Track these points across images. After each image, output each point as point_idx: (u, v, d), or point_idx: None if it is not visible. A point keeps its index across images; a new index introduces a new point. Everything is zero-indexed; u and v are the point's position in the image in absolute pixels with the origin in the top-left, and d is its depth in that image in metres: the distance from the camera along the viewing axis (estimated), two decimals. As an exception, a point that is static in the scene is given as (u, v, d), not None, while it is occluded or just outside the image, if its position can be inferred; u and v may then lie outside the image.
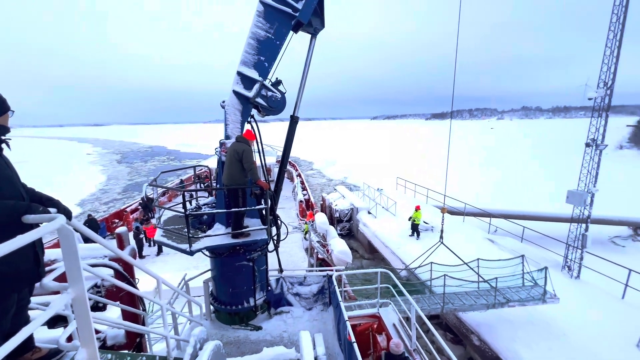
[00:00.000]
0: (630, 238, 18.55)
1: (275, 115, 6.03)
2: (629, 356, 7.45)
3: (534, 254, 13.01)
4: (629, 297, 9.78)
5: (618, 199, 24.73)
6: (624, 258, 14.15)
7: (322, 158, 59.18)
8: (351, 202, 20.22)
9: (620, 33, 10.06)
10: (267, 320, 6.22)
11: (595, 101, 10.96)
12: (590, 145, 11.29)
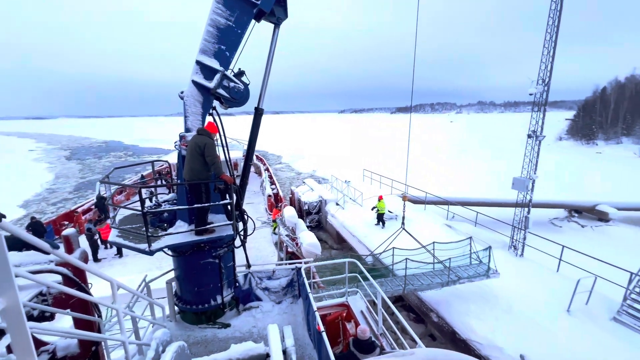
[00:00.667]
0: (566, 219, 20.92)
1: (238, 107, 5.85)
2: (560, 320, 8.46)
3: (486, 236, 14.21)
4: (562, 270, 11.09)
5: (556, 185, 27.84)
6: (561, 237, 16.13)
7: (291, 152, 58.87)
8: (320, 194, 20.52)
9: (555, 35, 11.20)
10: (236, 317, 6.12)
11: (535, 96, 12.09)
12: (531, 137, 12.47)
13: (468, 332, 8.46)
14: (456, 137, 76.90)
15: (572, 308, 8.78)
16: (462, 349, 8.55)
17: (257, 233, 14.35)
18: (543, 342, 7.67)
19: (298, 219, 14.69)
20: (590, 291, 9.18)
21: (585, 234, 18.64)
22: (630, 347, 7.38)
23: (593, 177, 32.24)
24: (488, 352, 7.65)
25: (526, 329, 7.98)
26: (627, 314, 8.34)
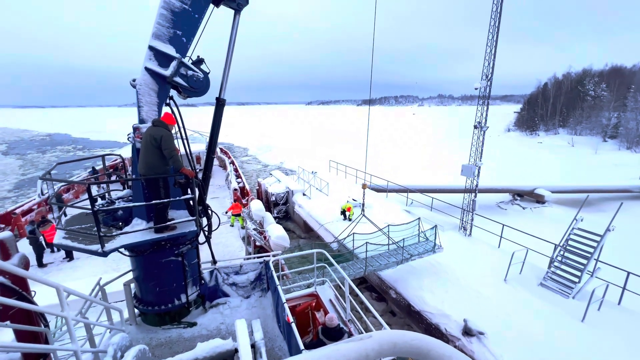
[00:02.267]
0: (510, 202, 23.28)
1: (198, 97, 5.55)
2: (498, 288, 9.60)
3: (440, 219, 15.43)
4: (503, 245, 12.45)
5: (503, 172, 30.59)
6: (505, 218, 17.96)
7: (258, 144, 57.58)
8: (287, 185, 20.68)
9: (496, 35, 12.31)
10: (202, 315, 5.94)
11: (480, 91, 13.15)
12: (477, 127, 13.60)
13: (421, 304, 9.27)
14: (417, 128, 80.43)
15: (508, 277, 9.97)
16: (416, 320, 9.35)
17: (223, 228, 13.98)
18: (483, 307, 8.67)
19: (265, 212, 14.54)
20: (522, 262, 10.47)
21: (526, 214, 20.98)
22: (551, 306, 8.64)
23: (534, 164, 35.85)
24: (438, 320, 8.46)
25: (470, 298, 8.94)
26: (551, 280, 9.62)
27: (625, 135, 45.28)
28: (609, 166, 33.77)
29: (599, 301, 8.50)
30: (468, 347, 7.50)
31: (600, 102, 55.06)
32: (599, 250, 9.10)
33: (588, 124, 53.46)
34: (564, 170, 32.33)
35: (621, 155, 39.68)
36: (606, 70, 65.09)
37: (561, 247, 9.85)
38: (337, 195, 19.06)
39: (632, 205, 22.45)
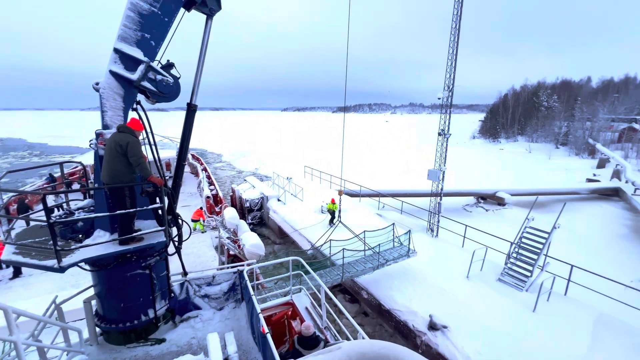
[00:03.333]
0: (475, 205, 24.78)
1: (168, 102, 5.36)
2: (461, 284, 10.15)
3: (410, 222, 16.16)
4: (466, 245, 13.12)
5: (468, 176, 32.41)
6: (470, 220, 19.05)
7: (232, 150, 56.43)
8: (261, 191, 20.55)
9: (456, 49, 13.21)
10: (172, 330, 5.63)
11: (442, 100, 14.03)
12: (440, 135, 14.42)
13: (391, 303, 9.60)
14: (390, 135, 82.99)
15: (470, 274, 10.58)
16: (387, 318, 9.61)
17: (195, 238, 13.48)
18: (447, 302, 9.19)
19: (240, 220, 14.19)
20: (483, 260, 11.15)
21: (488, 216, 22.55)
22: (507, 299, 9.34)
23: (496, 169, 38.35)
24: (406, 317, 8.87)
25: (435, 295, 9.41)
26: (507, 275, 10.34)
27: (574, 142, 49.79)
28: (561, 170, 36.88)
29: (548, 292, 9.30)
30: (433, 341, 7.91)
31: (553, 112, 60.25)
32: (547, 246, 9.95)
33: (543, 132, 58.16)
34: (522, 174, 34.86)
35: (571, 160, 43.49)
36: (557, 83, 71.59)
37: (515, 245, 10.63)
38: (312, 200, 19.19)
39: (580, 206, 24.67)
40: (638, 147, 38.48)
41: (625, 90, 70.78)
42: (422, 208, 16.65)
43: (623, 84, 75.78)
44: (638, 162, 33.97)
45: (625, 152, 38.84)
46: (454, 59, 13.34)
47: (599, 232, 19.69)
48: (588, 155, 44.71)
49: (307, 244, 14.39)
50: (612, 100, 61.90)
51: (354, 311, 11.88)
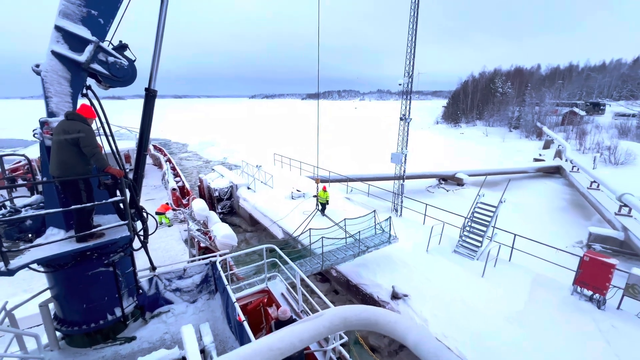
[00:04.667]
0: (437, 186, 26.36)
1: (123, 86, 4.95)
2: (421, 258, 10.89)
3: (376, 204, 16.89)
4: (427, 222, 14.02)
5: (431, 159, 34.14)
6: (432, 200, 20.27)
7: (199, 139, 53.93)
8: (230, 180, 20.11)
9: (415, 37, 13.62)
10: (143, 327, 5.43)
11: (403, 87, 14.41)
12: (402, 120, 14.94)
13: (357, 278, 10.12)
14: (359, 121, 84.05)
15: (430, 248, 11.42)
16: (354, 292, 10.13)
17: (162, 232, 12.91)
18: (408, 274, 9.94)
19: (209, 211, 13.78)
20: (440, 235, 12.08)
21: (448, 195, 24.21)
22: (460, 268, 10.29)
23: (457, 152, 40.68)
24: (371, 290, 9.49)
25: (398, 268, 10.06)
26: (461, 246, 11.30)
27: (524, 126, 54.02)
28: (513, 152, 40.06)
29: (495, 259, 10.41)
30: (395, 309, 8.63)
31: (507, 98, 64.58)
32: (495, 218, 11.00)
33: (498, 117, 62.29)
34: (479, 156, 37.38)
35: (522, 142, 47.24)
36: (512, 70, 76.55)
37: (468, 219, 11.60)
38: (282, 187, 19.17)
39: (528, 183, 27.24)
40: (577, 129, 42.69)
41: (569, 77, 77.70)
42: (388, 190, 17.34)
43: (567, 71, 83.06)
44: (577, 143, 37.79)
45: (566, 134, 42.87)
46: (413, 46, 13.71)
47: (542, 206, 21.98)
48: (536, 137, 48.76)
49: (280, 232, 14.40)
50: (557, 86, 67.69)
51: (325, 289, 12.29)
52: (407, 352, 9.55)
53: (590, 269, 8.24)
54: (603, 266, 8.03)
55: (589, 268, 8.26)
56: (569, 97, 65.84)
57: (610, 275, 7.97)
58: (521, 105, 59.32)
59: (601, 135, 38.86)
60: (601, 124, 46.20)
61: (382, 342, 10.10)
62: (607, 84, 71.71)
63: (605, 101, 60.40)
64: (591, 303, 8.34)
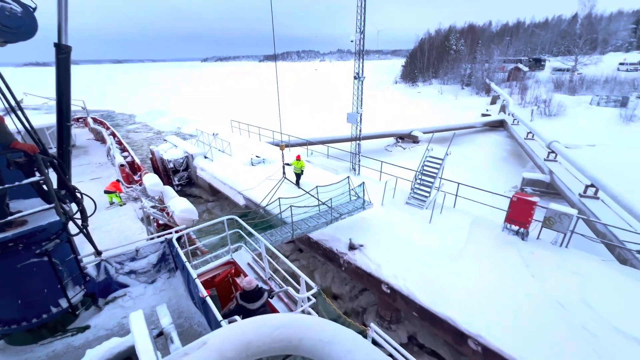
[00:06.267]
0: (394, 145, 27.44)
1: (21, 40, 4.03)
2: (376, 211, 11.27)
3: (336, 164, 17.18)
4: (383, 179, 14.40)
5: (390, 119, 34.99)
6: (390, 158, 21.14)
7: (147, 109, 48.97)
8: (185, 150, 19.00)
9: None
10: (97, 315, 5.10)
11: (355, 44, 13.81)
12: (356, 78, 14.60)
13: (318, 235, 10.49)
14: (319, 83, 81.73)
15: (384, 202, 12.06)
16: (315, 248, 10.62)
17: (115, 212, 11.99)
18: (365, 227, 10.54)
19: (164, 186, 12.88)
20: (394, 189, 12.77)
21: (405, 153, 25.43)
22: (411, 217, 11.11)
23: (414, 111, 41.95)
24: (331, 244, 10.00)
25: (355, 222, 10.53)
26: (413, 198, 12.13)
27: (475, 82, 56.60)
28: (464, 108, 42.24)
29: (441, 207, 11.40)
30: (352, 258, 9.27)
31: (460, 56, 66.30)
32: (441, 170, 11.76)
33: (452, 75, 64.28)
34: (434, 114, 38.94)
35: (473, 99, 49.77)
36: (465, 28, 77.68)
37: (418, 172, 12.31)
38: (241, 154, 18.58)
39: (475, 137, 29.36)
40: (520, 85, 45.79)
41: (517, 33, 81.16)
42: (347, 151, 17.59)
43: (515, 28, 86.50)
44: (519, 97, 40.77)
45: (511, 89, 45.84)
46: (364, 1, 13.02)
47: (485, 157, 24.11)
48: (485, 93, 51.52)
49: (240, 198, 14.05)
50: (505, 43, 70.66)
51: (290, 249, 12.58)
52: (366, 295, 10.53)
53: (517, 208, 9.37)
54: (527, 204, 9.17)
55: (516, 207, 9.39)
56: (515, 53, 69.39)
57: (532, 211, 9.15)
58: (473, 63, 61.43)
59: (540, 89, 42.17)
60: (541, 79, 49.91)
61: (344, 290, 10.89)
62: (548, 40, 76.43)
63: (546, 57, 64.82)
64: (517, 236, 9.63)
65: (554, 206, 9.14)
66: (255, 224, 10.12)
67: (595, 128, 26.94)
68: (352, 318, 9.85)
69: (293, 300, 5.84)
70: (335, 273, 11.46)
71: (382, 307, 9.30)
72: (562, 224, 8.91)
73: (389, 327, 9.15)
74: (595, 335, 6.28)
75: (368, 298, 10.46)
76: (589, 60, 49.27)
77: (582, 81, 44.20)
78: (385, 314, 9.23)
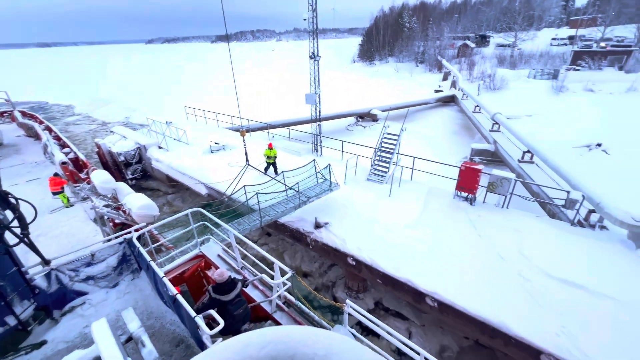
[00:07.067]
0: (355, 124, 28.18)
1: None
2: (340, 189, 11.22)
3: (298, 146, 17.45)
4: (344, 158, 14.67)
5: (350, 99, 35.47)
6: (351, 137, 21.69)
7: (88, 98, 44.16)
8: (136, 141, 17.79)
9: None
10: (53, 328, 4.81)
11: (309, 22, 13.55)
12: (312, 58, 14.33)
13: (285, 217, 10.57)
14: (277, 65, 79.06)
15: (347, 180, 12.51)
16: (283, 230, 10.86)
17: (62, 214, 11.12)
18: (329, 206, 10.90)
19: (117, 182, 12.02)
20: (355, 167, 13.27)
21: (366, 131, 26.08)
22: (372, 192, 11.65)
23: (372, 89, 42.68)
24: (297, 224, 10.28)
25: (320, 202, 10.73)
26: (373, 174, 12.77)
27: (428, 60, 58.72)
28: (419, 85, 43.99)
29: (399, 181, 12.16)
30: (319, 236, 9.67)
31: (413, 33, 67.86)
32: (398, 145, 12.44)
33: (407, 53, 65.84)
34: (391, 92, 40.07)
35: (427, 76, 51.81)
36: (417, 5, 79.04)
37: (377, 149, 12.89)
38: (199, 142, 17.81)
39: (429, 113, 31.01)
40: (468, 61, 48.47)
41: (464, 11, 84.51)
42: (308, 133, 17.61)
43: (463, 5, 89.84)
44: (468, 73, 43.28)
45: (460, 66, 48.41)
46: None
47: (438, 131, 25.70)
48: (438, 70, 53.85)
49: (204, 189, 13.65)
50: (454, 20, 73.46)
51: (258, 234, 12.68)
52: (334, 270, 11.10)
53: (465, 176, 10.31)
54: (473, 172, 10.13)
55: (464, 175, 10.32)
56: (463, 30, 72.64)
57: (478, 178, 10.14)
58: (425, 41, 63.29)
59: (485, 65, 45.07)
60: (486, 54, 53.20)
61: (313, 267, 11.37)
62: (492, 17, 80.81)
63: (490, 33, 68.74)
64: (466, 202, 10.65)
65: (496, 172, 10.20)
66: (222, 213, 9.96)
67: (532, 99, 29.71)
68: (323, 292, 10.39)
69: (268, 287, 5.92)
70: (304, 252, 11.83)
71: (350, 278, 9.91)
72: (503, 187, 10.01)
73: (357, 297, 9.82)
74: (529, 280, 7.35)
75: (336, 272, 11.02)
76: (527, 36, 53.34)
77: (521, 56, 47.96)
78: (353, 284, 9.86)
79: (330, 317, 9.11)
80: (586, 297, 6.86)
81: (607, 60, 38.12)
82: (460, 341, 8.40)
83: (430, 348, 8.21)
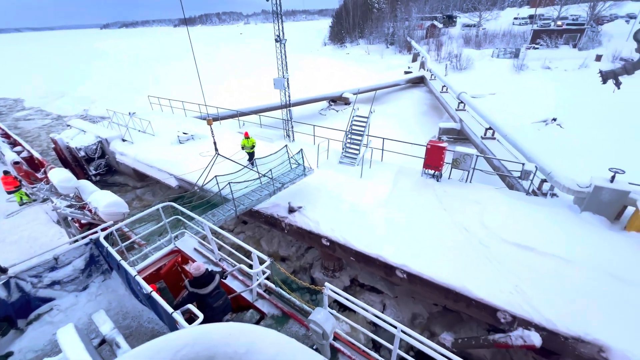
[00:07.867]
0: (328, 108, 28.23)
1: None
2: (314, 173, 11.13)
3: (270, 133, 17.47)
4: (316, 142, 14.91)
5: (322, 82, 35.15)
6: (324, 121, 21.75)
7: (39, 90, 40.54)
8: (96, 134, 16.88)
9: None
10: (19, 338, 4.66)
11: (272, 4, 13.12)
12: (277, 41, 13.99)
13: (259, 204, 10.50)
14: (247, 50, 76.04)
15: (319, 164, 12.76)
16: (258, 217, 10.97)
17: (20, 217, 10.52)
18: (302, 189, 11.07)
19: (78, 180, 11.40)
20: (327, 150, 13.51)
21: (338, 115, 26.15)
22: (344, 174, 11.99)
23: (343, 72, 42.46)
24: (272, 210, 10.44)
25: (293, 187, 10.75)
26: (345, 157, 13.05)
27: (398, 41, 58.97)
28: (389, 67, 44.27)
29: (369, 162, 12.47)
30: (293, 220, 9.89)
31: (382, 14, 67.46)
32: (368, 127, 12.78)
33: (377, 34, 65.61)
34: (362, 74, 40.13)
35: (397, 57, 52.16)
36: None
37: (348, 132, 13.15)
38: (166, 133, 17.17)
39: (399, 94, 31.46)
40: (436, 41, 49.25)
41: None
42: (279, 118, 17.46)
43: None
44: (436, 54, 44.08)
45: (428, 46, 49.11)
46: None
47: (408, 112, 26.30)
48: (407, 51, 54.28)
49: (174, 181, 13.29)
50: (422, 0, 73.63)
51: (234, 223, 12.71)
52: (311, 252, 11.44)
53: (431, 154, 10.82)
54: (438, 150, 10.64)
55: (431, 154, 10.82)
56: (431, 11, 73.13)
57: (443, 155, 10.67)
58: (394, 22, 63.25)
59: (452, 45, 46.02)
60: (453, 35, 54.22)
61: (290, 251, 11.64)
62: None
63: (457, 14, 69.84)
64: (433, 179, 11.23)
65: (460, 149, 10.78)
66: (194, 205, 9.80)
67: (496, 78, 31.00)
68: (301, 274, 10.71)
69: (248, 276, 5.95)
70: (281, 237, 12.03)
71: (325, 259, 10.28)
72: (466, 163, 10.63)
73: (334, 276, 10.24)
74: (487, 246, 8.02)
75: (313, 254, 11.36)
76: (490, 16, 54.75)
77: (485, 36, 49.36)
78: (329, 264, 10.25)
79: (309, 298, 9.47)
80: (536, 257, 7.62)
81: (563, 39, 40.24)
82: (429, 308, 9.09)
83: (402, 317, 8.84)
